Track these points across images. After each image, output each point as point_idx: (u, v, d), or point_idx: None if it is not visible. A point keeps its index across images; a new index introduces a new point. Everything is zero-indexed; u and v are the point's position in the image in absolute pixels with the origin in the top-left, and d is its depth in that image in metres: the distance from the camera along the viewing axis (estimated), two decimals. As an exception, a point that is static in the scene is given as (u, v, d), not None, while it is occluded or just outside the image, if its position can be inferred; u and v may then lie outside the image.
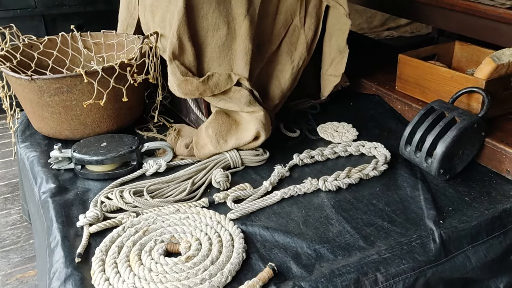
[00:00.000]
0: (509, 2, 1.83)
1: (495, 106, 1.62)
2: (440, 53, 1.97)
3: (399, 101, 1.92)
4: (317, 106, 2.00)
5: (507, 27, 1.78)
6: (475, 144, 1.58)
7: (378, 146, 1.69)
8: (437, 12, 2.03)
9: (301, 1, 1.76)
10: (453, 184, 1.52)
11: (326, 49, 1.91)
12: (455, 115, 1.55)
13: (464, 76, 1.67)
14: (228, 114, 1.68)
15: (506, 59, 1.62)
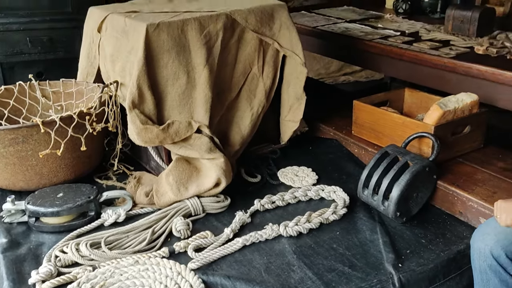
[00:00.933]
0: (452, 52, 1.97)
1: (445, 150, 1.70)
2: (392, 99, 2.07)
3: (355, 145, 1.98)
4: (277, 151, 2.03)
5: (451, 75, 1.90)
6: (428, 187, 1.64)
7: (337, 190, 1.73)
8: (387, 61, 2.15)
9: (259, 51, 1.83)
10: (410, 227, 1.57)
11: (285, 96, 1.98)
12: (407, 159, 1.62)
13: (414, 121, 1.76)
14: (189, 161, 1.68)
15: (452, 105, 1.72)
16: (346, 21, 2.61)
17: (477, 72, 1.77)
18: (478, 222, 1.50)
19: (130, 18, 1.67)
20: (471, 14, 2.09)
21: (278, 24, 1.84)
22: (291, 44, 1.87)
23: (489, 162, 1.72)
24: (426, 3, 2.61)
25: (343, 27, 2.47)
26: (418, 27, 2.41)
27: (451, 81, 1.91)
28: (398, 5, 2.66)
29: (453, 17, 2.16)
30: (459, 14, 2.13)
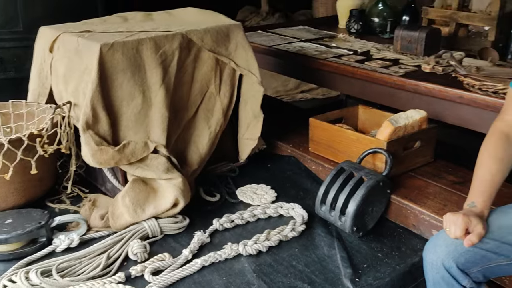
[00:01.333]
0: (401, 70, 2.05)
1: (397, 165, 1.76)
2: (347, 116, 2.13)
3: (313, 161, 2.02)
4: (236, 169, 2.04)
5: (401, 93, 1.98)
6: (383, 201, 1.69)
7: (295, 206, 1.75)
8: (341, 79, 2.22)
9: (216, 70, 1.84)
10: (367, 241, 1.60)
11: (242, 114, 1.99)
12: (362, 175, 1.66)
13: (367, 138, 1.81)
14: (146, 182, 1.65)
15: (402, 122, 1.79)
16: (301, 40, 2.67)
17: (425, 89, 1.86)
18: (430, 234, 1.56)
19: (83, 37, 1.65)
20: (418, 34, 2.20)
21: (234, 43, 1.87)
22: (247, 63, 1.90)
23: (440, 175, 1.79)
24: (376, 23, 2.72)
25: (299, 46, 2.53)
26: (370, 46, 2.51)
27: (401, 98, 1.99)
28: (350, 26, 2.75)
29: (401, 37, 2.26)
30: (407, 34, 2.23)
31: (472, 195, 1.29)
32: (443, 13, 2.34)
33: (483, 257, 1.22)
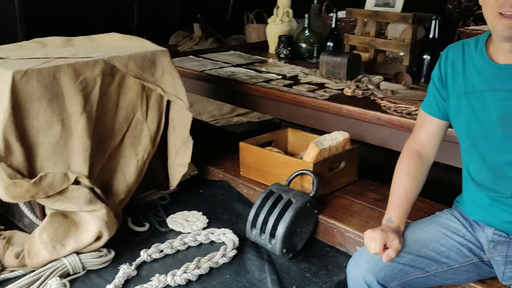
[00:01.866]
0: (326, 94, 2.13)
1: (324, 185, 1.81)
2: (277, 139, 2.17)
3: (244, 185, 2.03)
4: (166, 196, 2.00)
5: (326, 115, 2.06)
6: (311, 222, 1.72)
7: (226, 232, 1.74)
8: (270, 103, 2.26)
9: (142, 97, 1.82)
10: (296, 262, 1.62)
11: (171, 140, 1.97)
12: (290, 197, 1.69)
13: (295, 160, 1.85)
14: (66, 215, 1.57)
15: (327, 143, 1.85)
16: (232, 65, 2.71)
17: (346, 112, 1.94)
18: (355, 251, 1.60)
19: (-4, 65, 1.57)
20: (340, 59, 2.30)
21: (160, 69, 1.86)
22: (175, 89, 1.89)
23: (363, 194, 1.86)
24: (304, 49, 2.82)
25: (230, 71, 2.56)
26: (298, 70, 2.59)
27: (327, 121, 2.06)
28: (279, 51, 2.83)
29: (326, 62, 2.36)
30: (331, 59, 2.33)
31: (389, 211, 1.35)
32: (363, 40, 2.48)
33: (400, 271, 1.27)
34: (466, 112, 1.26)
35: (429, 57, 2.20)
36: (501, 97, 1.18)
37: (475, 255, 1.32)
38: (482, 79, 1.21)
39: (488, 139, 1.22)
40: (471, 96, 1.23)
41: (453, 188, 1.57)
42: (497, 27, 1.12)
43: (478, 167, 1.28)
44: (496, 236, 1.28)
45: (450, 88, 1.30)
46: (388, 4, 2.55)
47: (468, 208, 1.36)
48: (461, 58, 1.27)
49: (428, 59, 2.21)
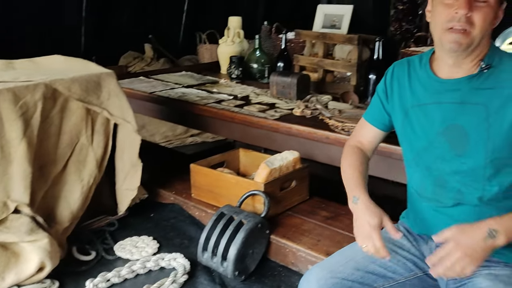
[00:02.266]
0: (277, 114, 2.16)
1: (275, 205, 1.82)
2: (229, 160, 2.16)
3: (196, 208, 2.00)
4: (115, 222, 1.94)
5: (277, 135, 2.08)
6: (262, 242, 1.72)
7: (177, 257, 1.70)
8: (221, 124, 2.26)
9: (87, 120, 1.77)
10: (249, 283, 1.61)
11: (119, 164, 1.92)
12: (241, 218, 1.69)
13: (246, 181, 1.85)
14: (6, 246, 1.49)
15: (277, 163, 1.87)
16: (183, 86, 2.69)
17: (296, 131, 1.97)
18: (307, 270, 1.61)
19: None
20: (290, 80, 2.34)
21: (106, 92, 1.82)
22: (122, 111, 1.85)
23: (314, 212, 1.88)
24: (255, 69, 2.86)
25: (180, 92, 2.54)
26: (249, 91, 2.61)
27: (277, 140, 2.08)
28: (231, 71, 2.85)
29: (276, 82, 2.39)
30: (281, 80, 2.37)
31: (350, 191, 1.32)
32: (311, 61, 2.54)
33: (350, 288, 1.29)
34: (413, 124, 1.30)
35: (375, 76, 2.28)
36: (445, 109, 1.24)
37: (419, 269, 1.35)
38: (426, 93, 1.27)
39: (433, 149, 1.27)
40: (417, 109, 1.29)
41: (400, 203, 1.62)
42: (445, 40, 1.18)
43: (422, 178, 1.32)
44: None
45: (396, 102, 1.35)
46: (334, 26, 2.64)
47: (412, 222, 1.40)
48: (407, 73, 1.33)
49: (373, 78, 2.29)
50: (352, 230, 1.71)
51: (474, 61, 1.20)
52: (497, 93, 1.16)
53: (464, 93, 1.21)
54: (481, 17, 1.14)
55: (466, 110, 1.21)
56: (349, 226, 1.77)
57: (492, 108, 1.17)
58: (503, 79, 1.17)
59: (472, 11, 1.13)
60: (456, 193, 1.25)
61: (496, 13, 1.16)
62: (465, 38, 1.15)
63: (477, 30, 1.15)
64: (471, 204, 1.24)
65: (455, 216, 1.27)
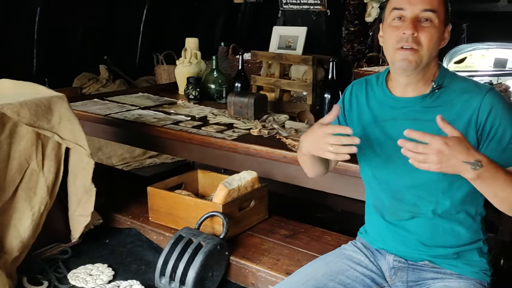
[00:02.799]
0: (235, 134, 2.17)
1: (234, 226, 1.81)
2: (187, 181, 2.14)
3: (154, 232, 1.96)
4: (68, 250, 1.86)
5: (235, 155, 2.08)
6: (222, 264, 1.70)
7: (134, 283, 1.65)
8: (179, 145, 2.24)
9: (37, 145, 1.71)
10: (209, 308, 1.58)
11: (72, 189, 1.86)
12: (200, 240, 1.66)
13: (204, 202, 1.84)
14: None
15: (235, 183, 1.86)
16: (140, 107, 2.66)
17: (254, 151, 1.98)
18: (267, 291, 1.60)
19: None
20: (247, 100, 2.36)
21: (57, 116, 1.77)
22: (74, 135, 1.81)
23: (274, 231, 1.89)
24: (213, 89, 2.86)
25: (137, 114, 2.50)
26: (207, 111, 2.61)
27: (236, 161, 2.08)
28: (188, 92, 2.84)
29: (233, 103, 2.41)
30: (238, 100, 2.39)
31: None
32: (268, 81, 2.58)
33: (310, 305, 1.29)
34: (371, 140, 1.35)
35: (330, 96, 2.34)
36: (400, 125, 1.29)
37: (377, 285, 1.37)
38: (383, 110, 1.32)
39: (391, 164, 1.31)
40: (374, 125, 1.34)
41: (359, 218, 1.66)
42: (396, 59, 1.24)
43: (380, 192, 1.36)
44: (396, 263, 1.35)
45: (354, 120, 1.39)
46: (290, 47, 2.70)
47: (370, 237, 1.43)
48: (365, 92, 1.38)
49: (328, 97, 2.35)
50: (311, 248, 1.75)
51: (425, 81, 1.27)
52: (447, 111, 1.23)
53: (417, 111, 1.27)
54: (427, 36, 1.21)
55: (419, 126, 1.26)
56: (308, 244, 1.79)
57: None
58: (452, 98, 1.25)
59: (417, 31, 1.20)
60: (411, 206, 1.30)
61: (441, 34, 1.24)
62: (414, 55, 1.21)
63: (424, 49, 1.22)
64: (426, 217, 1.29)
65: (411, 229, 1.31)
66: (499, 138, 1.19)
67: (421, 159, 1.05)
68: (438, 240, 1.29)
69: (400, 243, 1.34)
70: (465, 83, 1.27)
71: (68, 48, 3.73)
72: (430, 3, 1.20)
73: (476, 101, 1.20)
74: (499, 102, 1.20)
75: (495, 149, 1.19)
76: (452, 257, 1.29)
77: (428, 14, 1.20)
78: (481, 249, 1.31)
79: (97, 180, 1.87)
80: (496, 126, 1.19)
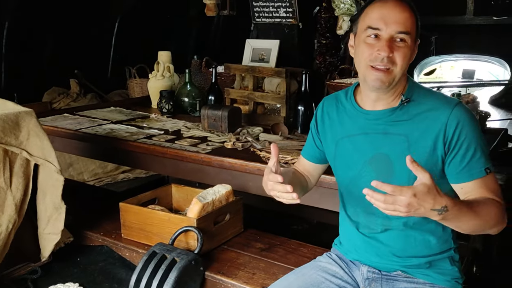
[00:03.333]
0: (209, 147, 2.15)
1: (209, 240, 1.79)
2: (161, 196, 2.11)
3: (126, 248, 1.92)
4: (37, 269, 1.80)
5: (209, 169, 2.06)
6: (197, 280, 1.67)
7: (106, 302, 1.61)
8: (153, 159, 2.21)
9: (4, 162, 1.66)
10: (184, 325, 1.54)
11: (41, 207, 1.81)
12: (174, 256, 1.64)
13: (178, 217, 1.81)
14: None
15: (210, 197, 1.85)
16: (112, 122, 2.62)
17: (229, 164, 1.97)
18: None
19: None
20: (221, 113, 2.36)
21: (25, 132, 1.72)
22: (43, 151, 1.76)
23: (249, 244, 1.88)
24: (186, 103, 2.85)
25: (109, 129, 2.46)
26: (181, 125, 2.59)
27: (210, 174, 2.07)
28: (162, 106, 2.82)
29: (207, 116, 2.40)
30: (212, 113, 2.38)
31: None
32: (242, 93, 2.58)
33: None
34: (343, 154, 1.37)
35: (303, 108, 2.36)
36: (371, 139, 1.31)
37: (352, 296, 1.38)
38: (354, 124, 1.34)
39: (362, 178, 1.32)
40: (346, 140, 1.35)
41: (336, 229, 1.66)
42: (368, 78, 1.26)
43: (354, 205, 1.37)
44: (370, 274, 1.36)
45: (328, 135, 1.41)
46: (263, 59, 2.72)
47: (345, 249, 1.44)
48: (335, 107, 1.40)
49: (302, 109, 2.36)
50: (287, 261, 1.75)
51: (394, 95, 1.29)
52: (416, 125, 1.26)
53: (387, 124, 1.29)
54: (401, 56, 1.24)
55: (389, 140, 1.28)
56: (283, 257, 1.78)
57: (412, 139, 1.26)
58: (420, 112, 1.26)
59: (393, 52, 1.23)
60: (384, 219, 1.31)
61: (413, 51, 1.26)
62: (388, 76, 1.24)
63: (398, 68, 1.25)
64: (398, 229, 1.31)
65: (384, 241, 1.32)
66: (463, 152, 1.22)
67: (390, 209, 1.05)
68: (410, 251, 1.31)
69: (373, 254, 1.35)
70: (433, 96, 1.30)
71: (38, 62, 3.66)
72: (405, 26, 1.23)
73: (444, 115, 1.23)
74: (465, 117, 1.23)
75: (459, 163, 1.22)
76: (424, 266, 1.31)
77: (402, 35, 1.23)
78: (453, 257, 1.33)
79: (68, 196, 1.82)
80: (462, 141, 1.22)
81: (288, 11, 2.70)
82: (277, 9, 2.75)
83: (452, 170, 1.24)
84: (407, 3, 1.24)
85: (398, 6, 1.23)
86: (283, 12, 2.73)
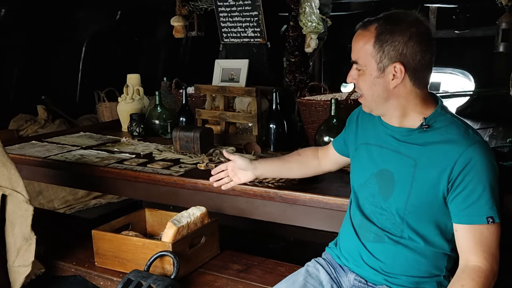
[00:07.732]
0: (182, 170, 2.14)
1: (186, 264, 1.76)
2: (134, 221, 2.07)
3: (100, 277, 1.86)
4: (6, 305, 1.73)
5: (183, 191, 2.05)
6: (174, 306, 1.64)
7: (80, 335, 1.55)
8: (125, 184, 2.18)
9: (-32, 195, 1.60)
10: None
11: (10, 239, 1.75)
12: (150, 283, 1.60)
13: (153, 242, 1.78)
14: None
15: (184, 220, 1.83)
16: (81, 147, 2.57)
17: (202, 186, 1.96)
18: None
19: None
20: (193, 134, 2.35)
21: (-9, 162, 1.67)
22: (11, 181, 1.71)
23: (226, 266, 1.86)
24: (157, 125, 2.83)
25: (78, 154, 2.42)
26: (152, 148, 2.56)
27: (184, 196, 2.05)
28: (132, 129, 2.79)
29: (179, 137, 2.38)
30: (183, 135, 2.37)
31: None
32: (213, 114, 2.59)
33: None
34: (359, 160, 1.42)
35: (275, 125, 2.38)
36: (383, 153, 1.34)
37: (338, 304, 1.39)
38: (374, 134, 1.38)
39: (366, 188, 1.36)
40: (364, 147, 1.40)
41: (313, 245, 1.67)
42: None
43: (354, 209, 1.41)
44: (356, 282, 1.38)
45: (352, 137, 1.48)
46: (233, 79, 2.74)
47: (338, 251, 1.45)
48: (368, 115, 1.42)
49: (274, 127, 2.39)
50: (265, 281, 1.74)
51: (417, 116, 1.28)
52: (428, 152, 1.25)
53: (401, 143, 1.30)
54: (362, 84, 1.29)
55: (398, 159, 1.30)
56: (261, 277, 1.77)
57: (420, 164, 1.25)
58: (437, 142, 1.24)
59: (354, 80, 1.29)
60: (377, 231, 1.33)
61: (381, 78, 1.24)
62: (363, 101, 1.33)
63: (365, 95, 1.31)
64: (390, 244, 1.31)
65: (374, 252, 1.34)
66: (466, 194, 1.19)
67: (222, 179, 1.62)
68: (398, 269, 1.32)
69: (363, 263, 1.37)
70: (455, 129, 1.25)
71: (3, 89, 3.57)
72: (354, 55, 1.28)
73: (456, 153, 1.20)
74: (479, 159, 1.18)
75: (460, 204, 1.21)
76: (410, 286, 1.31)
77: (355, 64, 1.29)
78: (441, 283, 1.32)
79: (38, 226, 1.77)
80: (467, 182, 1.19)
81: (256, 31, 2.74)
82: (245, 29, 2.79)
83: (453, 209, 1.23)
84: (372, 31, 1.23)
85: (358, 35, 1.28)
86: (251, 32, 2.76)
